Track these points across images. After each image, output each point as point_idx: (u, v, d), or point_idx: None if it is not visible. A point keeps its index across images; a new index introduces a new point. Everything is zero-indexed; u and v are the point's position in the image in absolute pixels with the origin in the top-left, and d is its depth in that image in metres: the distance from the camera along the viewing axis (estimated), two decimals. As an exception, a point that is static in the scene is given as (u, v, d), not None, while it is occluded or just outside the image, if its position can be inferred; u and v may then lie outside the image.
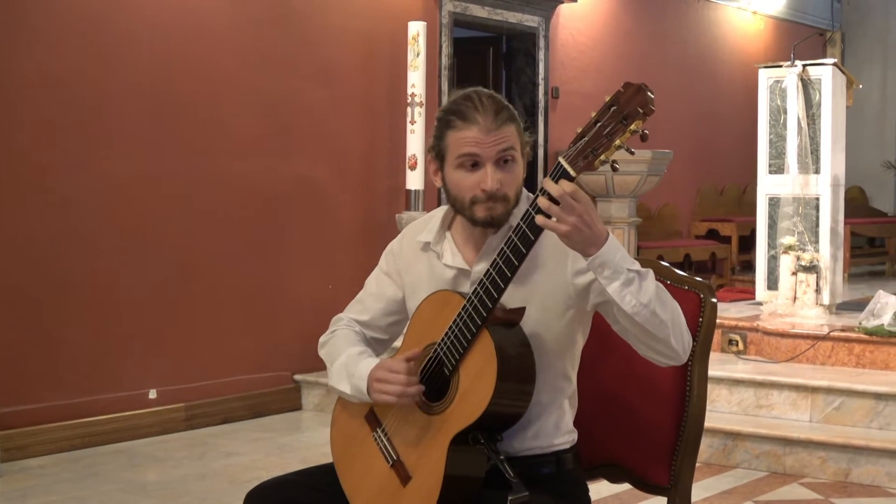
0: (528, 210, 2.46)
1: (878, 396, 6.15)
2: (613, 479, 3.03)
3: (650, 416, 2.92)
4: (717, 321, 3.07)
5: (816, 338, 6.85)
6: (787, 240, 7.59)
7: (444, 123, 2.67)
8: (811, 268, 7.50)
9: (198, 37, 7.13)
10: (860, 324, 6.85)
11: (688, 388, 2.88)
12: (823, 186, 7.62)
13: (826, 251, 7.58)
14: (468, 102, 2.65)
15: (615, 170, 2.43)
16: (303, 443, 6.73)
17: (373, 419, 2.79)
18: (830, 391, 6.27)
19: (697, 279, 2.94)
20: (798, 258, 7.53)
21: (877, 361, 6.68)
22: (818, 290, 7.51)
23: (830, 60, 7.79)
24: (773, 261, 7.77)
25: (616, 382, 2.97)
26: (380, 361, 2.74)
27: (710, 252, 11.07)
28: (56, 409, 6.39)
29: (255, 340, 7.44)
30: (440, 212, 2.84)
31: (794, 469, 5.98)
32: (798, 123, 7.61)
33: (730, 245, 11.42)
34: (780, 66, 7.79)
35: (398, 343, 2.88)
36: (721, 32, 12.53)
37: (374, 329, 2.96)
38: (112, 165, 6.67)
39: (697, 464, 2.96)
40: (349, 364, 2.80)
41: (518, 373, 2.57)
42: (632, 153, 2.46)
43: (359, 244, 8.06)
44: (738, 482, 5.86)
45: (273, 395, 7.49)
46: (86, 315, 6.56)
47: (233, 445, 6.61)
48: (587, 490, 2.82)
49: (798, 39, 8.69)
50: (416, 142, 7.96)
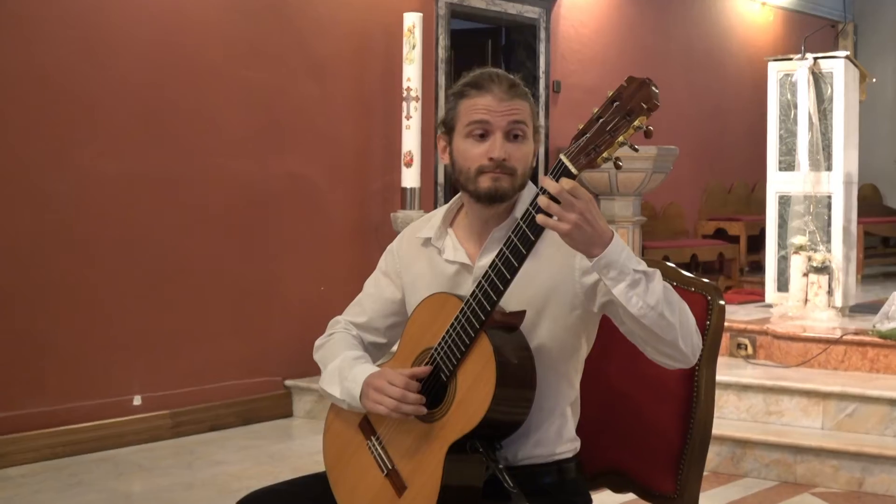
0: (528, 209, 2.47)
1: (893, 402, 6.15)
2: (617, 489, 3.03)
3: (655, 423, 2.92)
4: (725, 324, 3.07)
5: (828, 341, 6.85)
6: (798, 239, 7.60)
7: (458, 94, 2.73)
8: (823, 269, 7.51)
9: (185, 29, 7.14)
10: (874, 327, 6.86)
11: (695, 394, 2.88)
12: (836, 184, 7.62)
13: (838, 251, 7.58)
14: (484, 74, 2.71)
15: (618, 167, 2.43)
16: (294, 451, 6.73)
17: (367, 427, 2.78)
18: (843, 397, 6.27)
19: (704, 281, 2.94)
20: (809, 259, 7.53)
21: (891, 366, 6.68)
22: (830, 292, 7.51)
23: (842, 53, 7.80)
24: (784, 261, 7.78)
25: (620, 387, 2.97)
26: (379, 370, 2.74)
27: (718, 252, 11.08)
28: (37, 416, 6.39)
29: (245, 344, 7.43)
30: (441, 209, 2.86)
31: (806, 478, 5.98)
32: (809, 119, 7.62)
33: (738, 245, 11.42)
34: (791, 59, 7.80)
35: (394, 349, 2.88)
36: (729, 24, 12.54)
37: (372, 332, 2.96)
38: (97, 163, 6.67)
39: (704, 472, 2.95)
40: (343, 368, 2.81)
41: (518, 378, 2.57)
42: (636, 150, 2.46)
43: (352, 244, 8.06)
44: (747, 492, 5.86)
45: (263, 402, 7.49)
46: (68, 318, 6.55)
47: (221, 454, 6.61)
48: (590, 500, 2.82)
49: (809, 31, 8.70)
50: (412, 138, 7.96)
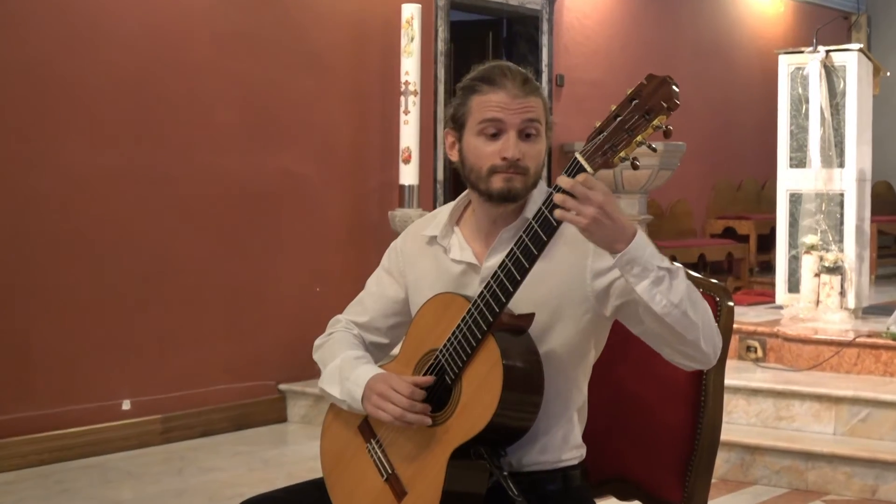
0: (541, 208, 2.47)
1: (907, 407, 6.17)
2: (623, 496, 3.04)
3: (662, 429, 2.92)
4: (735, 326, 3.07)
5: (841, 344, 6.86)
6: (810, 239, 7.60)
7: (469, 89, 2.71)
8: (835, 269, 7.51)
9: (175, 20, 7.13)
10: (888, 329, 6.86)
11: (703, 399, 2.88)
12: (848, 181, 7.63)
13: (851, 251, 7.59)
14: (496, 68, 2.70)
15: (635, 167, 2.45)
16: (289, 457, 6.74)
17: (367, 429, 2.79)
18: (856, 401, 6.28)
19: (713, 281, 2.94)
20: (821, 258, 7.54)
21: (906, 369, 6.70)
22: (843, 293, 7.52)
23: (856, 46, 7.80)
24: (795, 261, 7.78)
25: (626, 392, 2.98)
26: (383, 372, 2.74)
27: (727, 252, 11.08)
28: (23, 421, 6.39)
29: (237, 347, 7.44)
30: (447, 207, 2.85)
31: (817, 485, 5.98)
32: (821, 114, 7.62)
33: (747, 244, 11.43)
34: (802, 52, 7.80)
35: (395, 350, 2.88)
36: (738, 15, 12.54)
37: (374, 332, 2.96)
38: (82, 159, 6.67)
39: (713, 479, 2.96)
40: (344, 368, 2.81)
41: (525, 383, 2.57)
42: (654, 150, 2.46)
43: (348, 244, 8.07)
44: (757, 500, 5.87)
45: (256, 406, 7.49)
46: (54, 319, 6.56)
47: (213, 460, 6.61)
48: (595, 508, 2.83)
49: (821, 23, 8.70)
50: (410, 133, 7.96)
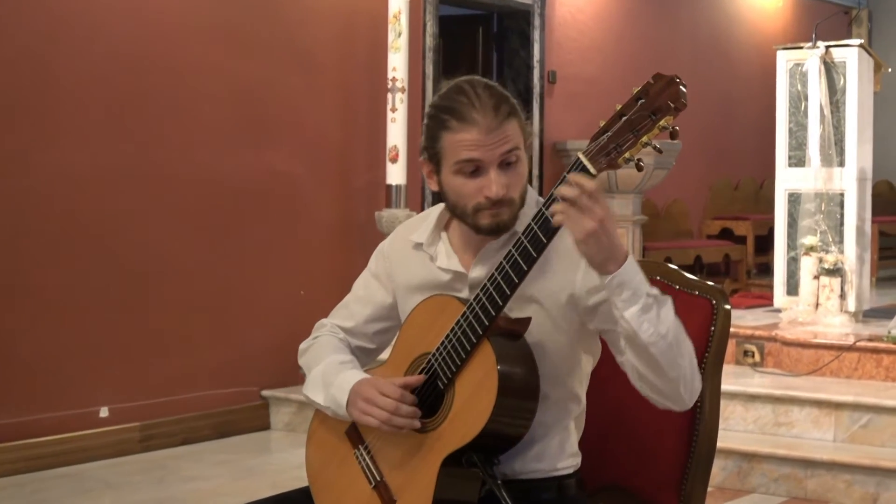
0: (541, 210, 2.47)
1: (910, 413, 6.18)
2: (618, 505, 3.04)
3: (658, 436, 2.93)
4: (732, 330, 3.08)
5: (841, 348, 6.87)
6: (809, 240, 7.61)
7: (438, 123, 2.64)
8: (835, 271, 7.52)
9: (161, 17, 7.13)
10: (889, 333, 6.88)
11: (699, 405, 2.89)
12: (849, 181, 7.64)
13: (851, 252, 7.60)
14: (463, 98, 2.61)
15: (640, 168, 2.44)
16: (273, 465, 6.73)
17: (355, 435, 2.78)
18: (857, 407, 6.29)
19: (709, 284, 2.95)
20: (821, 260, 7.55)
21: (908, 374, 6.72)
22: (843, 296, 7.53)
23: (856, 41, 7.82)
24: (794, 263, 7.79)
25: (620, 399, 2.98)
26: (368, 377, 2.74)
27: (724, 253, 11.11)
28: (-3, 429, 6.40)
29: (220, 352, 7.43)
30: (436, 210, 2.82)
31: (817, 493, 6.00)
32: (820, 111, 7.64)
33: (745, 246, 11.46)
34: (801, 48, 7.82)
35: (384, 355, 2.88)
36: (736, 10, 12.57)
37: (360, 337, 2.96)
38: (63, 158, 6.66)
39: (710, 488, 2.97)
40: (328, 373, 2.80)
41: (521, 389, 2.57)
42: (659, 151, 2.47)
43: (335, 245, 8.07)
44: (755, 508, 5.89)
45: (239, 413, 7.49)
46: (31, 323, 6.55)
47: (195, 469, 6.61)
48: (590, 518, 2.83)
49: (820, 18, 8.72)
50: (398, 131, 7.96)
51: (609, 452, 2.98)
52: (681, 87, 2.38)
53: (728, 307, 2.90)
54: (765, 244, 11.25)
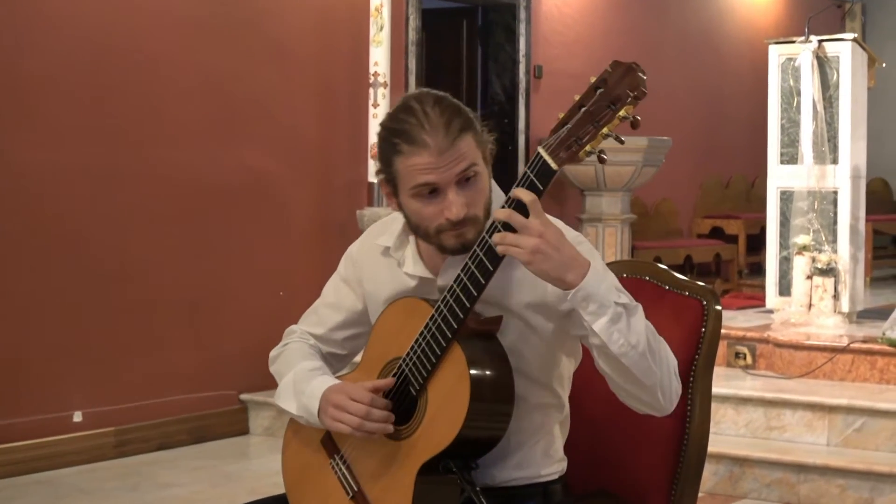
0: (484, 236, 2.47)
1: (905, 416, 6.19)
2: (605, 512, 3.04)
3: (646, 440, 2.92)
4: (723, 331, 3.08)
5: (834, 350, 6.88)
6: (802, 239, 7.62)
7: (389, 147, 2.59)
8: (828, 271, 7.53)
9: (129, 7, 7.11)
10: (884, 334, 6.89)
11: (689, 408, 2.89)
12: (842, 178, 7.65)
13: (845, 252, 7.61)
14: (412, 118, 2.55)
15: (602, 161, 2.42)
16: (251, 471, 6.72)
17: (330, 444, 2.78)
18: (850, 410, 6.30)
19: (700, 284, 2.95)
20: (814, 260, 7.56)
21: (903, 377, 6.73)
22: (836, 296, 7.54)
23: (850, 35, 7.83)
24: (786, 263, 7.80)
25: (608, 401, 2.97)
26: (338, 383, 2.73)
27: (715, 253, 11.12)
28: (-33, 435, 6.38)
29: (196, 355, 7.42)
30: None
31: (810, 499, 6.00)
32: (813, 107, 7.64)
33: (736, 245, 11.47)
34: (793, 42, 7.82)
35: (357, 358, 2.88)
36: (726, 3, 12.58)
37: (331, 343, 2.95)
38: (29, 155, 6.63)
39: (700, 493, 2.97)
40: (299, 381, 2.80)
41: (495, 392, 2.56)
42: (621, 142, 2.45)
43: (314, 245, 8.05)
44: (747, 514, 5.90)
45: (217, 418, 7.48)
46: (0, 326, 6.53)
47: (171, 475, 6.59)
48: (576, 525, 2.83)
49: (813, 11, 8.72)
50: (380, 128, 7.94)
51: (596, 457, 2.97)
52: (639, 75, 2.36)
53: (719, 308, 2.90)
54: (756, 243, 11.28)
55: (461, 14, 10.09)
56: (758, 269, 11.11)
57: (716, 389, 3.21)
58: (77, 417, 6.81)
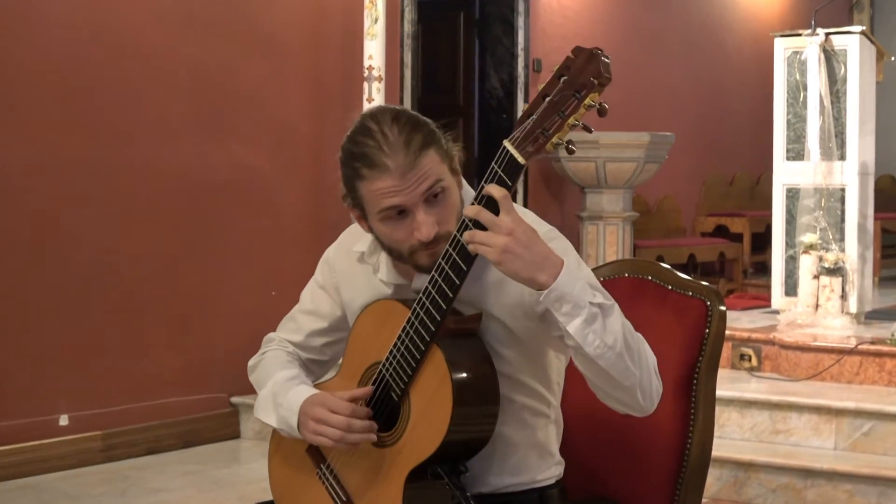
0: (455, 235, 2.46)
1: (914, 420, 6.20)
2: (605, 518, 3.04)
3: (648, 443, 2.92)
4: (727, 333, 3.08)
5: (842, 352, 6.88)
6: (808, 237, 7.63)
7: (351, 171, 2.59)
8: (836, 270, 7.54)
9: (116, -1, 7.11)
10: (893, 335, 6.89)
11: (692, 411, 2.89)
12: (850, 175, 7.66)
13: (853, 251, 7.61)
14: (370, 140, 2.55)
15: (571, 152, 2.40)
16: (242, 476, 6.72)
17: (316, 453, 2.78)
18: (858, 414, 6.30)
19: (703, 283, 2.95)
20: (820, 259, 7.56)
21: (912, 379, 6.73)
22: (844, 297, 7.55)
23: (857, 28, 7.83)
24: (792, 262, 7.80)
25: (605, 405, 2.98)
26: (316, 393, 2.72)
27: (719, 252, 11.12)
28: (-51, 439, 6.37)
29: (186, 356, 7.41)
30: None
31: (817, 505, 6.02)
32: (820, 102, 7.65)
33: (741, 244, 11.47)
34: (800, 35, 7.83)
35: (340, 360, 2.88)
36: (730, -5, 12.60)
37: (310, 350, 2.96)
38: (10, 150, 6.61)
39: (704, 499, 2.97)
40: (278, 392, 2.80)
41: (478, 394, 2.56)
42: (590, 131, 2.43)
43: (306, 243, 8.05)
44: (752, 520, 5.90)
45: (207, 421, 7.47)
46: (-16, 327, 6.53)
47: (160, 480, 6.59)
48: (575, 531, 2.83)
49: (820, 4, 8.73)
50: (374, 123, 7.94)
51: (595, 461, 2.97)
52: (603, 60, 2.35)
53: (723, 308, 2.90)
54: (762, 242, 11.28)
55: (458, 6, 10.09)
56: (763, 269, 11.12)
57: (720, 392, 3.20)
58: (63, 421, 6.81)
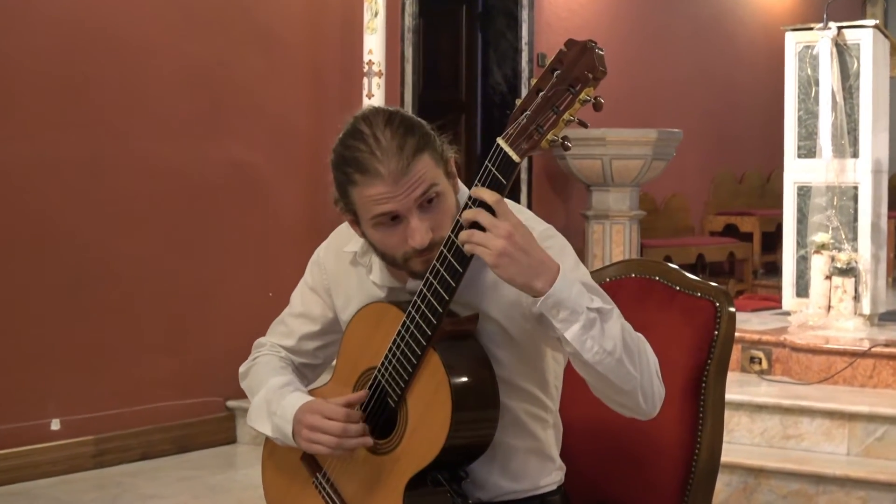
0: (450, 236, 2.45)
1: (929, 424, 6.19)
2: (610, 525, 3.04)
3: (654, 449, 2.92)
4: (737, 335, 3.08)
5: (855, 354, 6.88)
6: (820, 237, 7.62)
7: (344, 176, 2.59)
8: (848, 270, 7.53)
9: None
10: (907, 337, 6.89)
11: (700, 415, 2.89)
12: (863, 173, 7.65)
13: (866, 250, 7.61)
14: (361, 145, 2.55)
15: (566, 148, 2.40)
16: (238, 482, 6.72)
17: (311, 462, 2.78)
18: (872, 418, 6.29)
19: (712, 284, 2.95)
20: (833, 259, 7.56)
21: (927, 382, 6.73)
22: (857, 298, 7.54)
23: (871, 22, 7.82)
24: (803, 262, 7.80)
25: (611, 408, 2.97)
26: (310, 401, 2.72)
27: (728, 252, 11.12)
28: (-62, 444, 6.37)
29: (180, 359, 7.41)
30: None
31: (829, 512, 6.01)
32: (832, 97, 7.64)
33: (751, 243, 11.47)
34: (811, 29, 7.82)
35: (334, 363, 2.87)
36: (740, -12, 12.60)
37: (302, 354, 2.97)
38: (4, 147, 6.62)
39: (712, 506, 2.96)
40: (271, 400, 2.80)
41: (478, 398, 2.56)
42: (585, 126, 2.42)
43: (304, 243, 7.99)
44: (762, 528, 5.89)
45: (202, 426, 7.47)
46: (-26, 329, 6.53)
47: (153, 486, 6.59)
48: (579, 539, 2.83)
49: (832, -3, 8.73)
50: (374, 119, 7.94)
51: (599, 467, 2.97)
52: (597, 52, 2.33)
53: (732, 310, 2.90)
54: (772, 242, 11.29)
55: (460, -1, 10.09)
56: (773, 269, 11.12)
57: (729, 396, 3.20)
58: (54, 425, 6.81)
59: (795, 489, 6.08)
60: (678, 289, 2.94)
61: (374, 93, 7.96)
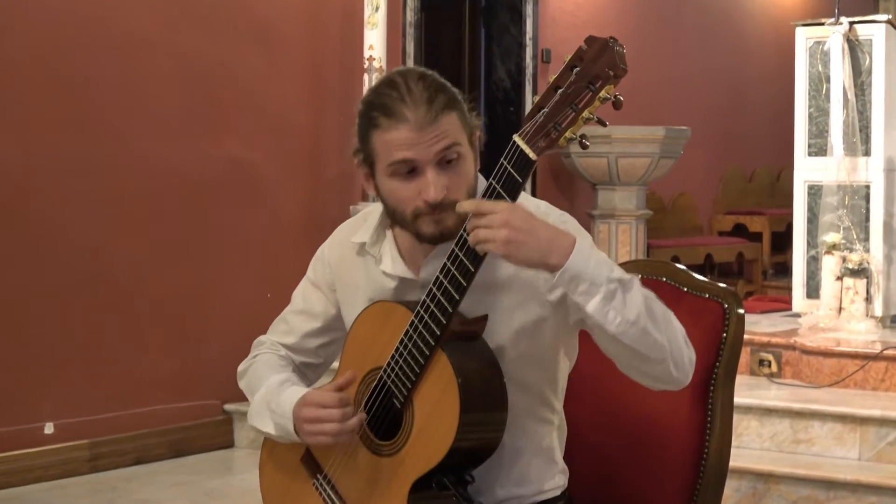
0: (462, 234, 2.46)
1: (942, 429, 6.19)
2: (616, 531, 3.04)
3: (661, 453, 2.93)
4: (746, 337, 3.08)
5: (867, 357, 6.88)
6: (831, 237, 7.62)
7: (367, 121, 2.59)
8: (860, 271, 7.53)
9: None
10: (920, 340, 6.89)
11: (709, 419, 2.89)
12: (875, 171, 7.65)
13: (878, 251, 7.61)
14: (393, 92, 2.56)
15: (584, 147, 2.41)
16: (235, 487, 6.73)
17: (311, 463, 2.78)
18: (884, 422, 6.29)
19: (721, 285, 2.95)
20: (844, 259, 7.56)
21: (940, 386, 6.73)
22: (869, 299, 7.54)
23: (883, 17, 7.82)
24: (814, 263, 7.80)
25: (618, 409, 2.98)
26: (306, 394, 2.72)
27: (737, 252, 11.12)
28: (-71, 448, 6.38)
29: (177, 362, 7.41)
30: (378, 207, 2.78)
31: (840, 518, 6.01)
32: (844, 94, 7.64)
33: (760, 244, 11.47)
34: (822, 24, 7.82)
35: (335, 365, 2.87)
36: (750, -18, 12.60)
37: (303, 353, 2.96)
38: (0, 148, 6.65)
39: (721, 512, 2.97)
40: (271, 398, 2.80)
41: (486, 400, 2.57)
42: (604, 125, 2.43)
43: (304, 242, 8.02)
44: (771, 534, 5.89)
45: (199, 430, 7.47)
46: (-35, 331, 6.53)
47: (149, 491, 6.60)
48: (584, 544, 2.84)
49: (844, -9, 8.73)
50: (375, 116, 7.94)
51: (604, 471, 2.97)
52: (617, 50, 2.35)
53: (741, 311, 2.90)
54: (782, 242, 11.28)
55: (463, -7, 10.10)
56: (783, 270, 11.12)
57: (738, 399, 3.20)
58: (48, 429, 6.81)
59: (806, 495, 6.08)
60: (686, 290, 2.94)
61: (375, 89, 7.94)
